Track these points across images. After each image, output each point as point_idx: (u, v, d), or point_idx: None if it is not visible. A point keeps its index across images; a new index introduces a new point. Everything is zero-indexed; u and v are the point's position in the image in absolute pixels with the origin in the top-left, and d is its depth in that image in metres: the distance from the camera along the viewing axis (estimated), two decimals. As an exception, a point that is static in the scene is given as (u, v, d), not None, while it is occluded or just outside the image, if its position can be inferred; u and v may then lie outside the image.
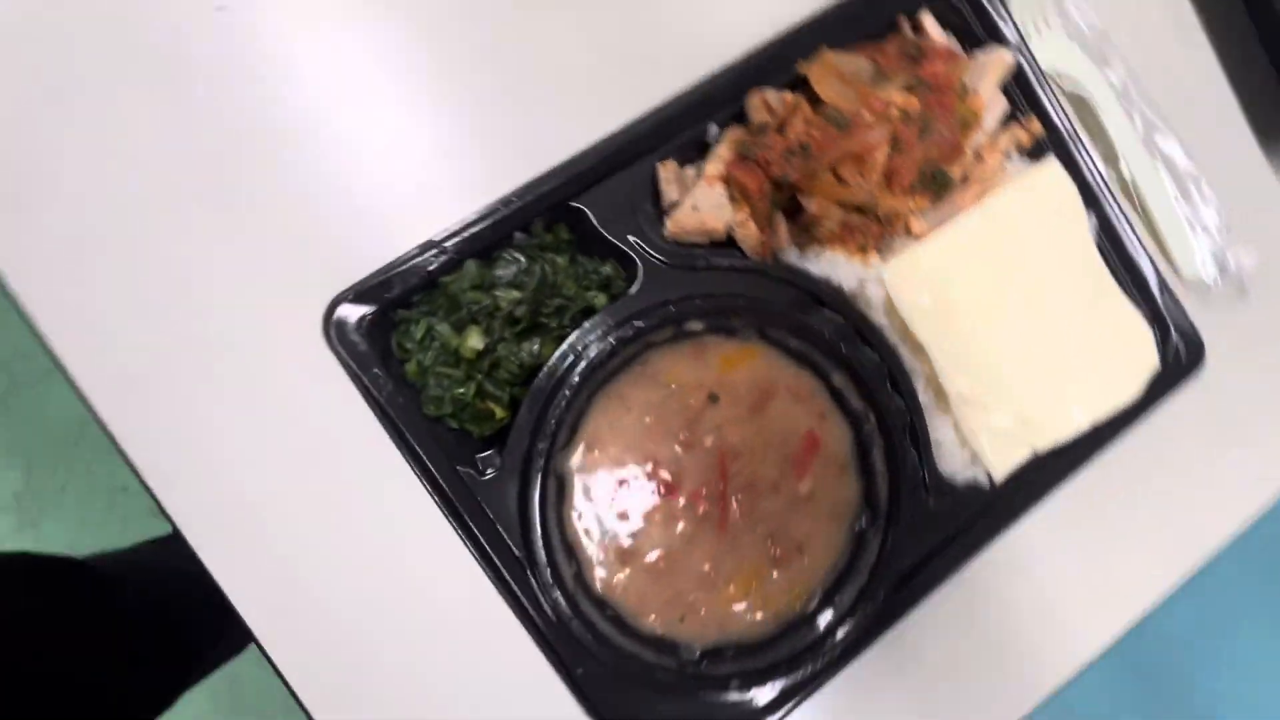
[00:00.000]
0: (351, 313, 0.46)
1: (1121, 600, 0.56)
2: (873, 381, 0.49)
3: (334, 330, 0.45)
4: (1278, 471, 0.59)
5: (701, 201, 0.49)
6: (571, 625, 0.46)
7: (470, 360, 0.47)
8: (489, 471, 0.47)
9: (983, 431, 0.51)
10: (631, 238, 0.49)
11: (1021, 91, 0.54)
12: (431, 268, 0.46)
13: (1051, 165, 0.53)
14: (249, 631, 0.46)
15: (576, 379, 0.46)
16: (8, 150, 0.45)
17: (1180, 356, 0.54)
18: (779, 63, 0.51)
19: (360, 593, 0.47)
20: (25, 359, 1.12)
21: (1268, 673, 1.46)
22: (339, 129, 0.49)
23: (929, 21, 0.54)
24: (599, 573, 0.48)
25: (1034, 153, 0.54)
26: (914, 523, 0.49)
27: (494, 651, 0.47)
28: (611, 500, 0.48)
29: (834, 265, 0.50)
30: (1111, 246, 0.55)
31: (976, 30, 0.54)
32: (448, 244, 0.47)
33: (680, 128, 0.50)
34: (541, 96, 0.51)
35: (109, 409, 0.46)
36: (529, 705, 0.48)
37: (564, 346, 0.47)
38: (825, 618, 0.48)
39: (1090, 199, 0.54)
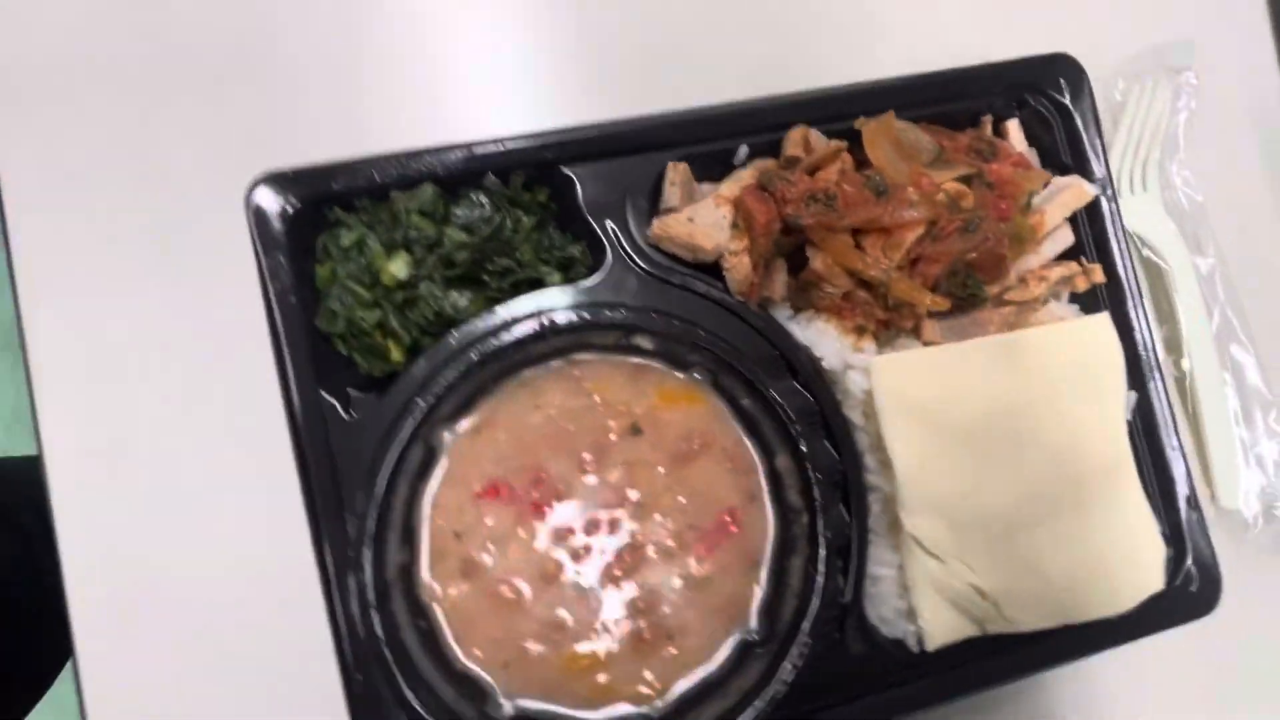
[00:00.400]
0: (281, 191, 0.41)
1: None
2: (821, 480, 0.41)
3: (254, 205, 0.40)
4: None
5: (701, 216, 0.43)
6: (372, 620, 0.38)
7: (388, 287, 0.41)
8: (356, 414, 0.40)
9: (930, 587, 0.42)
10: (610, 225, 0.43)
11: (1093, 231, 0.47)
12: (383, 178, 0.41)
13: (1103, 322, 0.46)
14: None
15: (491, 348, 0.40)
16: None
17: (1190, 587, 0.45)
18: (838, 108, 0.46)
19: (174, 489, 0.43)
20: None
21: None
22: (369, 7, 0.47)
23: (1014, 128, 0.48)
24: (429, 575, 0.40)
25: (1087, 303, 0.48)
26: (811, 660, 0.40)
27: (281, 606, 0.41)
28: (479, 498, 0.41)
29: (822, 336, 0.44)
30: (1145, 437, 0.47)
31: (1064, 156, 0.48)
32: (412, 160, 0.42)
33: (711, 135, 0.45)
34: (594, 55, 0.48)
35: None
36: (293, 683, 0.41)
37: (495, 310, 0.41)
38: (669, 732, 0.39)
39: (1137, 377, 0.47)
